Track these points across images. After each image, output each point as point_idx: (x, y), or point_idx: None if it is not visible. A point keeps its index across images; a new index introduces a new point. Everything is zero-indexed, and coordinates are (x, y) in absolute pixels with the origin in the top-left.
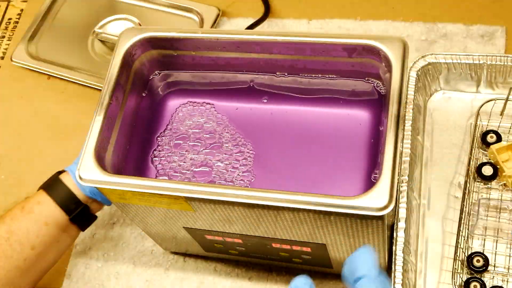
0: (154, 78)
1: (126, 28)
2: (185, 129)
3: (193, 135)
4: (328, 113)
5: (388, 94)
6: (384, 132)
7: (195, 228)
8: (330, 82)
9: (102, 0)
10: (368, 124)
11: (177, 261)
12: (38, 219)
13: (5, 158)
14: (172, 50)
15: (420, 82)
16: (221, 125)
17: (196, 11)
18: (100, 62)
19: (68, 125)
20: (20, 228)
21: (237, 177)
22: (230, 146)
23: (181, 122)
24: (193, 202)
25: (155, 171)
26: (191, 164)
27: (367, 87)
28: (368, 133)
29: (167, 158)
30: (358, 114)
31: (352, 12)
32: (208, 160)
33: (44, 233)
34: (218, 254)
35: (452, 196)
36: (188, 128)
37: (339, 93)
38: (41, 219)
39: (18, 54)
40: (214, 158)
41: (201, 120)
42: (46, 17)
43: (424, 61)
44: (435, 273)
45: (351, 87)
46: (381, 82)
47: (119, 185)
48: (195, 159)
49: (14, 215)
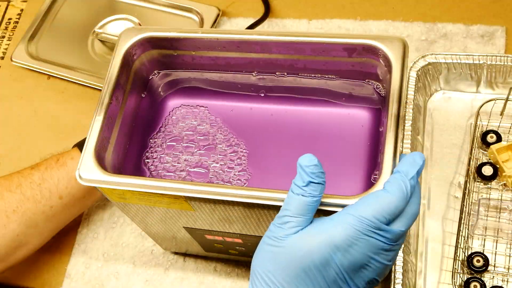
0: (153, 78)
1: (126, 28)
2: (178, 131)
3: (186, 137)
4: (328, 113)
5: (388, 94)
6: (384, 132)
7: (195, 228)
8: (330, 82)
9: (102, 0)
10: (367, 124)
11: (177, 261)
12: (69, 172)
13: (5, 158)
14: (172, 50)
15: (420, 82)
16: (215, 126)
17: (196, 11)
18: (100, 62)
19: (68, 125)
20: (52, 177)
21: (233, 176)
22: (224, 146)
23: (174, 125)
24: (193, 202)
25: (148, 172)
26: (186, 165)
27: (367, 87)
28: (368, 133)
29: (160, 159)
30: (357, 114)
31: (352, 12)
32: (203, 161)
33: (73, 185)
34: (218, 254)
35: (452, 196)
36: (181, 130)
37: (338, 93)
38: (72, 172)
39: (18, 54)
40: (209, 159)
41: (194, 122)
42: (46, 17)
43: (424, 61)
44: (435, 273)
45: (350, 87)
46: (381, 82)
47: (119, 185)
48: (190, 160)
49: (48, 164)
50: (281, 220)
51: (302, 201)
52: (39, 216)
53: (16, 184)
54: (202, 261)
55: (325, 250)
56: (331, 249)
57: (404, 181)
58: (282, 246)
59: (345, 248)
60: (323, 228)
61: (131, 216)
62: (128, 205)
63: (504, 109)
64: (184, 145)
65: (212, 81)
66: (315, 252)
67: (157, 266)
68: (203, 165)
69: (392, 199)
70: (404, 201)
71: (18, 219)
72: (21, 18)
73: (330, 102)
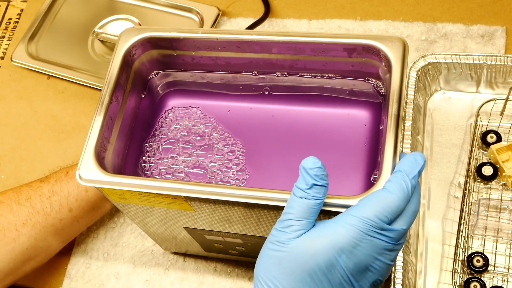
0: (153, 78)
1: (126, 28)
2: (173, 133)
3: (182, 139)
4: (328, 112)
5: (388, 94)
6: (384, 132)
7: (195, 228)
8: (330, 82)
9: (102, 0)
10: (367, 124)
11: (177, 261)
12: (80, 185)
13: (5, 158)
14: (172, 50)
15: (420, 82)
16: (210, 126)
17: (196, 11)
18: (100, 62)
19: (68, 125)
20: (62, 190)
21: (232, 176)
22: (221, 146)
23: (169, 127)
24: (193, 202)
25: (147, 173)
26: (184, 166)
27: (367, 87)
28: (368, 133)
29: (157, 163)
30: (358, 114)
31: (352, 12)
32: (201, 162)
33: (82, 198)
34: (218, 254)
35: (452, 196)
36: (177, 132)
37: (339, 93)
38: (81, 185)
39: (18, 54)
40: (207, 160)
41: (188, 123)
42: (46, 17)
43: (424, 61)
44: (435, 273)
45: (350, 87)
46: (381, 82)
47: (119, 185)
48: (188, 161)
49: (58, 177)
50: (284, 224)
51: (306, 204)
52: (49, 229)
53: (26, 197)
54: (202, 261)
55: (331, 253)
56: (336, 251)
57: (405, 181)
58: (286, 250)
59: (349, 250)
60: (327, 231)
61: (131, 217)
62: (128, 205)
63: (504, 109)
64: (181, 147)
65: (211, 82)
66: (321, 255)
67: (157, 266)
68: (201, 166)
69: (394, 198)
70: (405, 200)
71: (28, 232)
72: (21, 18)
73: (330, 101)
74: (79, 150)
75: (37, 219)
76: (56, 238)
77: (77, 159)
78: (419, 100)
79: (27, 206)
